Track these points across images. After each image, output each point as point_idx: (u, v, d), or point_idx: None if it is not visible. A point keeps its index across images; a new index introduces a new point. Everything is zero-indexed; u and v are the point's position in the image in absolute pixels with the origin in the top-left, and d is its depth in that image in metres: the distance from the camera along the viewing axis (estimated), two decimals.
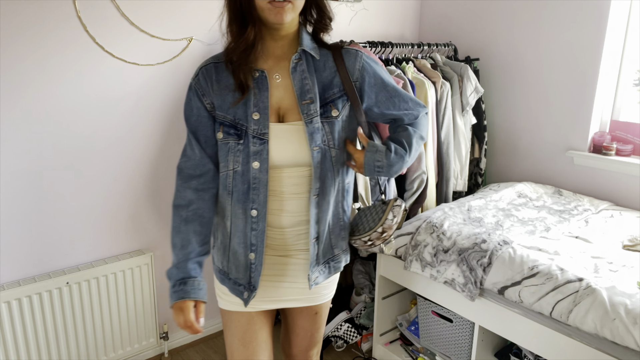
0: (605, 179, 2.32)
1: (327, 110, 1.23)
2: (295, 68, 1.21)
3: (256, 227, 1.23)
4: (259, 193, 1.21)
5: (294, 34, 1.22)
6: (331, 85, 1.24)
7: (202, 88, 1.23)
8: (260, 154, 1.19)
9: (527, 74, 2.54)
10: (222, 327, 2.53)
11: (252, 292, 1.27)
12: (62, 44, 1.78)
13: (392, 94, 1.30)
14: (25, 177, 1.81)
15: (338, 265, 1.36)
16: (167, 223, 2.23)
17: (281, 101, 1.21)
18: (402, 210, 1.32)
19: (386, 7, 2.76)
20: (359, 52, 1.27)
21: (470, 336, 1.91)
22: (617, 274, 1.57)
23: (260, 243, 1.24)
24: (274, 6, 1.10)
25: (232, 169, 1.22)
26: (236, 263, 1.28)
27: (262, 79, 1.20)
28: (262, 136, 1.19)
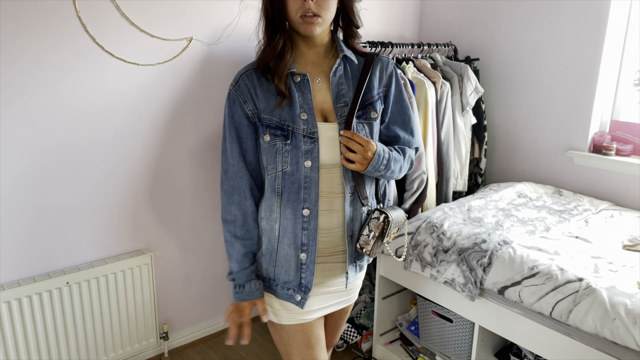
0: (605, 179, 2.32)
1: (367, 112, 1.30)
2: (335, 73, 1.28)
3: (307, 226, 1.25)
4: (310, 192, 1.24)
5: (328, 42, 1.31)
6: (370, 88, 1.31)
7: (242, 94, 1.27)
8: (312, 153, 1.23)
9: (527, 74, 2.54)
10: (221, 327, 2.53)
11: (306, 293, 1.29)
12: (62, 44, 1.78)
13: (405, 111, 1.38)
14: (25, 177, 1.81)
15: (362, 263, 1.40)
16: (167, 223, 2.23)
17: (323, 103, 1.28)
18: (381, 222, 1.28)
19: (386, 7, 2.76)
20: (390, 61, 1.36)
21: (470, 336, 1.91)
22: (617, 274, 1.57)
23: (312, 242, 1.26)
24: (305, 21, 1.19)
25: (281, 170, 1.25)
26: (286, 266, 1.29)
27: (304, 83, 1.26)
28: (312, 135, 1.24)
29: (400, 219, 1.36)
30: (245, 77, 1.27)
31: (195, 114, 2.18)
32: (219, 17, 2.13)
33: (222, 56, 2.18)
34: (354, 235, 1.32)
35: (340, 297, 1.41)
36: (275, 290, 1.33)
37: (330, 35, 1.31)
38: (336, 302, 1.40)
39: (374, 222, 1.28)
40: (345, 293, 1.42)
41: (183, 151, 2.19)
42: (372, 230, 1.28)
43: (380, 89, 1.34)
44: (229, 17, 2.16)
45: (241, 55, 2.22)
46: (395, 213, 1.34)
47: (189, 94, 2.14)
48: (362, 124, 1.29)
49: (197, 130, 2.21)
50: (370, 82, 1.31)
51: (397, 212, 1.36)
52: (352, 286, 1.44)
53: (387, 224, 1.28)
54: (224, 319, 1.35)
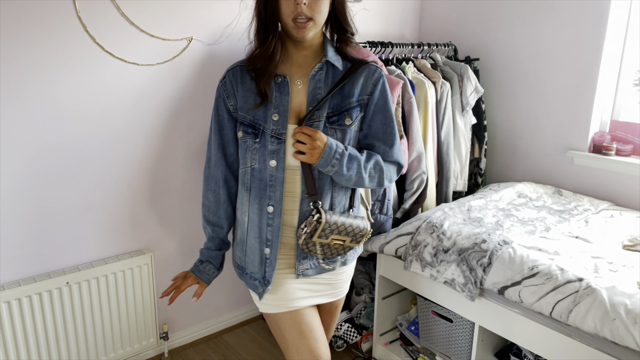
0: (605, 179, 2.32)
1: (341, 118, 1.30)
2: (314, 76, 1.30)
3: (272, 222, 1.31)
4: (275, 190, 1.30)
5: (318, 45, 1.32)
6: (349, 95, 1.31)
7: (227, 90, 1.34)
8: (278, 153, 1.28)
9: (527, 74, 2.54)
10: (221, 328, 2.54)
11: (266, 286, 1.35)
12: (62, 44, 1.78)
13: (387, 122, 1.35)
14: (26, 177, 1.81)
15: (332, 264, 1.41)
16: (167, 223, 2.23)
17: (301, 105, 1.30)
18: (314, 221, 1.28)
19: (386, 7, 2.76)
20: (379, 70, 1.34)
21: (470, 336, 1.91)
22: (617, 274, 1.57)
23: (275, 239, 1.32)
24: (297, 24, 1.20)
25: (249, 166, 1.32)
26: (252, 257, 1.37)
27: (284, 84, 1.29)
28: (280, 136, 1.28)
29: (354, 228, 1.33)
30: (231, 74, 1.33)
31: (195, 114, 2.18)
32: (219, 17, 2.13)
33: (222, 56, 2.18)
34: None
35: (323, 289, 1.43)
36: (245, 278, 1.41)
37: (322, 39, 1.32)
38: (320, 294, 1.43)
39: (309, 219, 1.30)
40: (330, 287, 1.44)
41: (183, 151, 2.19)
42: (305, 226, 1.30)
43: (362, 96, 1.32)
44: (229, 17, 2.16)
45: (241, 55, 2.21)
46: (344, 219, 1.31)
47: (189, 94, 2.14)
48: (334, 129, 1.29)
49: (197, 130, 2.21)
50: (351, 88, 1.30)
51: (349, 220, 1.32)
52: (336, 280, 1.45)
53: (319, 224, 1.28)
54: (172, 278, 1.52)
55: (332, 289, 1.45)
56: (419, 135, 2.20)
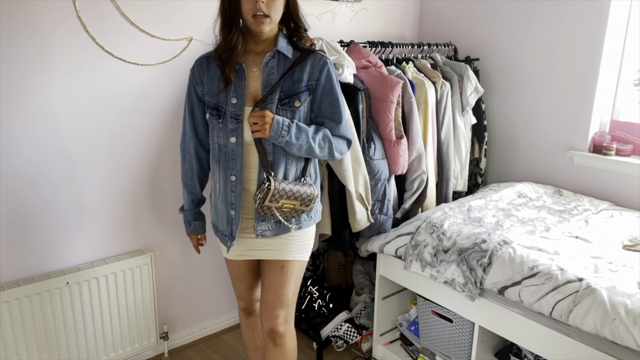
0: (605, 179, 2.32)
1: (292, 101, 1.51)
2: (267, 64, 1.50)
3: (234, 189, 1.54)
4: (236, 162, 1.52)
5: (273, 37, 1.52)
6: (299, 80, 1.51)
7: (195, 78, 1.57)
8: (236, 131, 1.50)
9: (527, 74, 2.54)
10: (221, 328, 2.55)
11: (232, 241, 1.59)
12: (62, 44, 1.78)
13: (334, 103, 1.54)
14: (26, 177, 1.81)
15: (287, 226, 1.58)
16: (167, 223, 2.23)
17: (256, 90, 1.51)
18: (265, 187, 1.48)
19: (386, 7, 2.76)
20: (324, 57, 1.53)
21: (470, 336, 1.91)
22: (617, 274, 1.57)
23: (238, 203, 1.55)
24: (255, 20, 1.41)
25: (216, 142, 1.56)
26: (222, 218, 1.61)
27: (241, 71, 1.50)
28: (237, 117, 1.50)
29: (302, 193, 1.52)
30: (199, 64, 1.56)
31: None
32: None
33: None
34: None
35: (274, 247, 1.60)
36: (218, 235, 1.67)
37: (277, 32, 1.52)
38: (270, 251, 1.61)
39: (262, 186, 1.50)
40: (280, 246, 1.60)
41: None
42: (259, 193, 1.50)
43: (310, 82, 1.51)
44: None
45: None
46: (293, 187, 1.51)
47: None
48: (285, 110, 1.50)
49: None
50: (300, 74, 1.50)
51: (298, 187, 1.52)
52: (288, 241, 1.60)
53: (269, 191, 1.47)
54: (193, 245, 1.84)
55: (280, 248, 1.61)
56: (419, 135, 2.20)
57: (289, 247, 1.61)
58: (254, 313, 1.84)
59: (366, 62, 2.15)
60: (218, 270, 2.46)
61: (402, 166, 2.13)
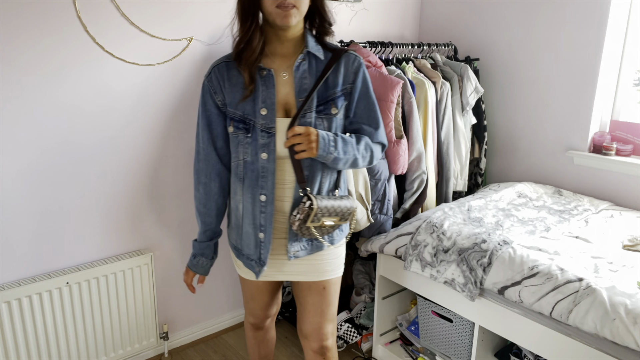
0: (605, 179, 2.32)
1: (327, 108, 1.36)
2: (298, 67, 1.34)
3: (264, 210, 1.39)
4: (267, 181, 1.36)
5: (300, 36, 1.36)
6: (334, 85, 1.36)
7: (213, 86, 1.38)
8: (268, 146, 1.34)
9: (527, 74, 2.54)
10: (221, 328, 2.54)
11: (262, 267, 1.44)
12: (62, 44, 1.78)
13: (371, 107, 1.42)
14: (25, 177, 1.81)
15: (319, 244, 1.48)
16: (167, 223, 2.23)
17: (287, 97, 1.35)
18: (306, 207, 1.34)
19: (386, 7, 2.76)
20: (358, 58, 1.40)
21: (470, 336, 1.91)
22: (617, 274, 1.57)
23: (269, 224, 1.40)
24: (281, 10, 1.24)
25: (242, 159, 1.38)
26: (248, 241, 1.45)
27: (269, 77, 1.33)
28: (269, 130, 1.33)
29: (341, 209, 1.39)
30: (217, 70, 1.38)
31: (195, 113, 2.18)
32: (219, 17, 2.13)
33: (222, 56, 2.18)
34: None
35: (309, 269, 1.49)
36: (242, 259, 1.51)
37: (303, 31, 1.37)
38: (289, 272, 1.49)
39: (301, 206, 1.35)
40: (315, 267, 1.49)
41: (183, 151, 2.19)
42: (298, 213, 1.35)
43: (345, 85, 1.38)
44: (229, 17, 2.15)
45: None
46: (332, 202, 1.37)
47: (188, 94, 2.14)
48: (321, 119, 1.36)
49: None
50: (334, 78, 1.36)
51: (337, 202, 1.38)
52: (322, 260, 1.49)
53: (311, 211, 1.33)
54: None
55: (318, 268, 1.50)
56: (419, 135, 2.20)
57: (326, 266, 1.50)
58: (263, 328, 1.74)
59: (366, 62, 2.16)
60: (218, 270, 2.46)
61: (402, 166, 2.13)
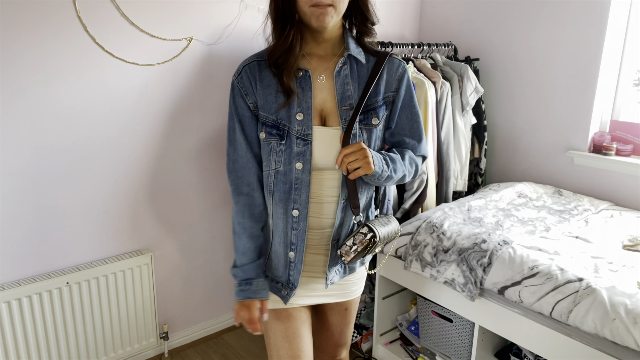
0: (605, 179, 2.31)
1: (368, 117, 1.24)
2: (339, 72, 1.22)
3: (297, 226, 1.25)
4: (300, 193, 1.23)
5: (338, 37, 1.24)
6: (375, 92, 1.24)
7: (245, 87, 1.24)
8: (304, 155, 1.20)
9: (527, 74, 2.54)
10: (221, 328, 2.54)
11: (292, 290, 1.30)
12: (62, 44, 1.78)
13: (414, 118, 1.31)
14: (26, 177, 1.81)
15: (353, 266, 1.38)
16: (167, 223, 2.23)
17: (324, 103, 1.23)
18: (367, 239, 1.21)
19: (386, 7, 2.76)
20: (402, 63, 1.28)
21: (470, 336, 1.91)
22: (617, 274, 1.57)
23: (301, 242, 1.26)
24: (317, 9, 1.12)
25: (274, 168, 1.24)
26: (276, 261, 1.31)
27: (305, 79, 1.21)
28: (306, 137, 1.20)
29: (391, 233, 1.30)
30: (248, 69, 1.23)
31: (196, 114, 2.18)
32: (219, 17, 2.13)
33: (222, 56, 2.18)
34: (340, 240, 1.30)
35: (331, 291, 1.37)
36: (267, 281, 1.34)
37: (341, 31, 1.24)
38: (324, 295, 1.37)
39: (359, 237, 1.22)
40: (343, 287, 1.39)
41: (183, 151, 2.19)
42: (355, 244, 1.23)
43: (387, 93, 1.27)
44: (229, 17, 2.16)
45: (241, 55, 2.22)
46: (386, 229, 1.27)
47: (189, 94, 2.14)
48: (361, 130, 1.23)
49: (197, 130, 2.21)
50: (376, 85, 1.24)
51: (388, 227, 1.29)
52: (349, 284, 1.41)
53: (373, 243, 1.22)
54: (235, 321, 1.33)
55: (344, 289, 1.41)
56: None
57: (351, 287, 1.41)
58: None
59: None
60: (218, 270, 2.46)
61: None
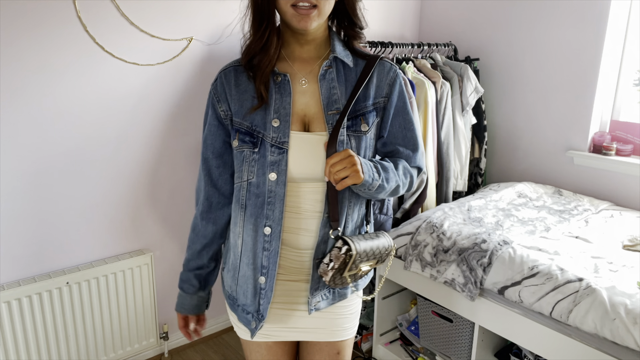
0: (605, 179, 2.31)
1: (357, 124, 1.13)
2: (324, 75, 1.13)
3: (269, 247, 1.12)
4: (274, 208, 1.10)
5: (323, 38, 1.14)
6: (364, 97, 1.14)
7: (218, 94, 1.15)
8: (278, 165, 1.09)
9: (527, 74, 2.54)
10: (221, 328, 2.54)
11: (260, 321, 1.16)
12: (62, 44, 1.78)
13: (408, 126, 1.20)
14: (26, 177, 1.81)
15: (343, 291, 1.22)
16: (167, 223, 2.23)
17: (307, 108, 1.12)
18: (342, 254, 1.08)
19: (386, 7, 2.76)
20: (394, 67, 1.19)
21: (470, 336, 1.91)
22: (617, 274, 1.57)
23: (273, 265, 1.12)
24: (298, 12, 1.02)
25: (246, 179, 1.13)
26: (244, 287, 1.18)
27: (284, 84, 1.11)
28: (281, 145, 1.09)
29: (378, 249, 1.14)
30: (224, 75, 1.15)
31: (196, 114, 2.18)
32: (219, 17, 2.13)
33: (222, 56, 2.18)
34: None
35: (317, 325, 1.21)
36: (237, 311, 1.23)
37: (327, 32, 1.15)
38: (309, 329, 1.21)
39: (335, 252, 1.09)
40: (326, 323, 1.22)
41: (183, 151, 2.19)
42: (332, 261, 1.09)
43: (378, 99, 1.16)
44: (229, 17, 2.16)
45: None
46: (368, 244, 1.12)
47: (189, 94, 2.14)
48: (349, 136, 1.11)
49: (197, 130, 2.21)
50: (365, 89, 1.14)
51: (373, 242, 1.13)
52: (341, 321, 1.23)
53: (349, 258, 1.08)
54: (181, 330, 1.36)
55: (334, 325, 1.23)
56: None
57: (343, 322, 1.23)
58: None
59: None
60: None
61: None
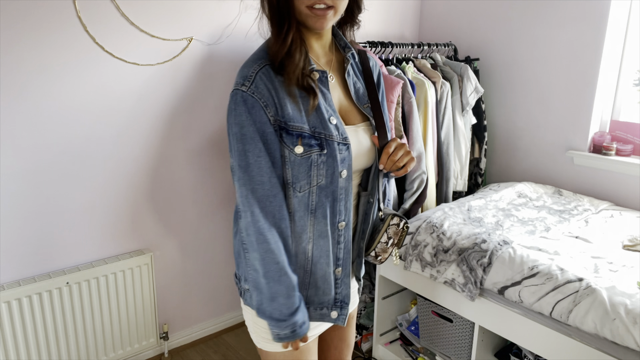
0: (605, 179, 2.32)
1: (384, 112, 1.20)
2: (349, 71, 1.16)
3: (342, 239, 1.14)
4: (345, 203, 1.12)
5: (329, 32, 1.16)
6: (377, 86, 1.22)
7: (263, 97, 1.03)
8: (347, 161, 1.09)
9: (527, 74, 2.54)
10: (221, 328, 2.54)
11: (344, 308, 1.17)
12: (62, 44, 1.78)
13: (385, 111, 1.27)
14: (26, 177, 1.81)
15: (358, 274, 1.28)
16: (167, 223, 2.23)
17: (340, 102, 1.14)
18: (401, 229, 1.16)
19: (386, 7, 2.77)
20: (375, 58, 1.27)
21: (470, 336, 1.91)
22: (617, 274, 1.57)
23: (347, 255, 1.15)
24: (315, 13, 1.02)
25: (316, 184, 1.08)
26: (323, 286, 1.15)
27: (323, 81, 1.10)
28: (345, 141, 1.09)
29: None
30: (263, 75, 1.03)
31: (195, 114, 2.18)
32: (219, 17, 2.13)
33: (222, 56, 2.18)
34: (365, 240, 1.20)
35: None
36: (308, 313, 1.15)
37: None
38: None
39: (393, 229, 1.15)
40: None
41: (183, 151, 2.19)
42: (391, 238, 1.15)
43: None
44: (229, 17, 2.16)
45: (241, 56, 2.22)
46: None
47: (189, 94, 2.14)
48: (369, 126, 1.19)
49: (197, 130, 2.21)
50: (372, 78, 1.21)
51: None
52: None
53: (406, 231, 1.17)
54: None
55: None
56: (419, 135, 2.20)
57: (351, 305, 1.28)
58: None
59: None
60: (218, 270, 2.46)
61: None
